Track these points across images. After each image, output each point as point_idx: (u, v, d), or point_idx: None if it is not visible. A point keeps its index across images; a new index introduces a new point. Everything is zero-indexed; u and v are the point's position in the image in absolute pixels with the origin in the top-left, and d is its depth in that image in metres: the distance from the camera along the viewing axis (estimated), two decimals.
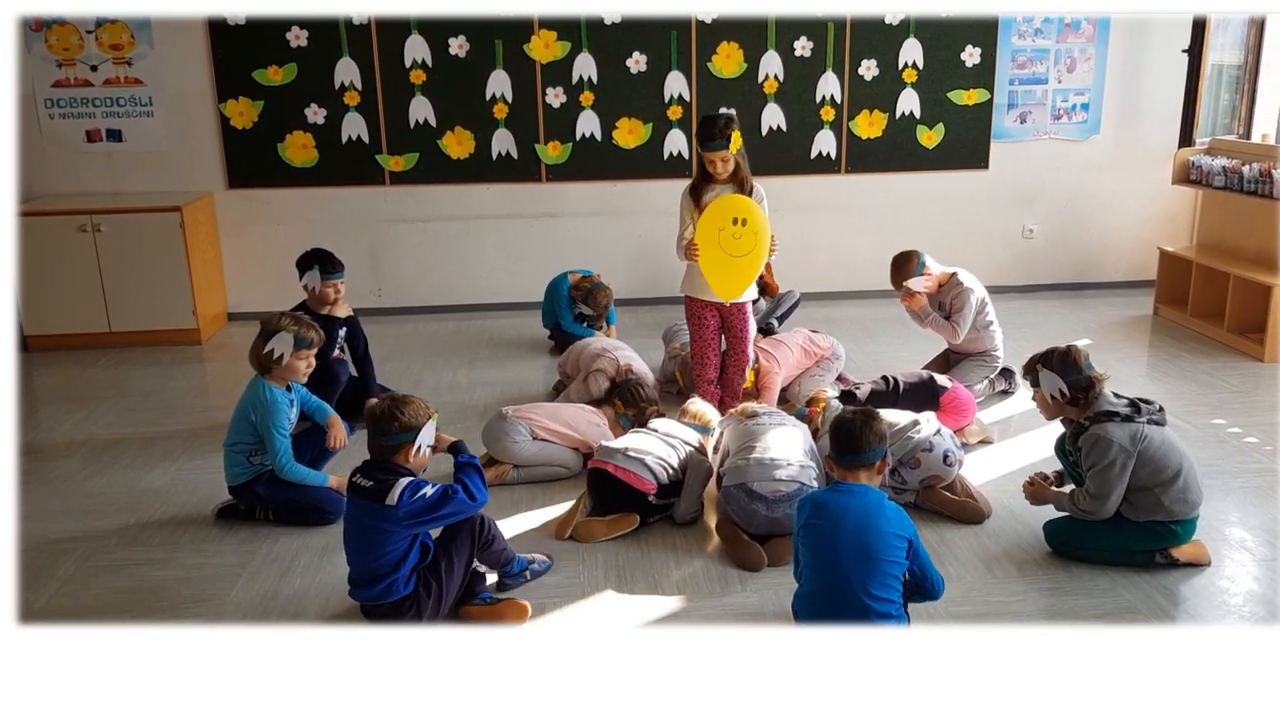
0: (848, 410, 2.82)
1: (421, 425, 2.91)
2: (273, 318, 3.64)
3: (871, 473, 2.73)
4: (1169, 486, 3.14)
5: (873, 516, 2.63)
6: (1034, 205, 6.70)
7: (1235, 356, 5.42)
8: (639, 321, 6.25)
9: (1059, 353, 3.26)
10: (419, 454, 2.94)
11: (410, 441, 2.90)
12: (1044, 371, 3.26)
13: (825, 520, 2.64)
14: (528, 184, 6.39)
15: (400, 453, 2.91)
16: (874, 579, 2.56)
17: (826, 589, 2.61)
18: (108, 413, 4.89)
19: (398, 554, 2.86)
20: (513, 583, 3.19)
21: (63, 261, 5.73)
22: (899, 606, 2.62)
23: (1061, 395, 3.23)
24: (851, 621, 2.54)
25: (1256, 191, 5.56)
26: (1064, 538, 3.32)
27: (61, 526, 3.69)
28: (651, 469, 3.55)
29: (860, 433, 2.70)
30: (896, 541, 2.62)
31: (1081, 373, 3.21)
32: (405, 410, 2.89)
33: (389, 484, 2.82)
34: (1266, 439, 4.28)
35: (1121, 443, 3.11)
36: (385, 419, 2.88)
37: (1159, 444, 3.15)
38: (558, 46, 6.21)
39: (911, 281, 4.61)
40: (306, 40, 6.08)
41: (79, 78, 6.05)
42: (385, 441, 2.90)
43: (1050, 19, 6.46)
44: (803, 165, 6.50)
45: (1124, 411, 3.16)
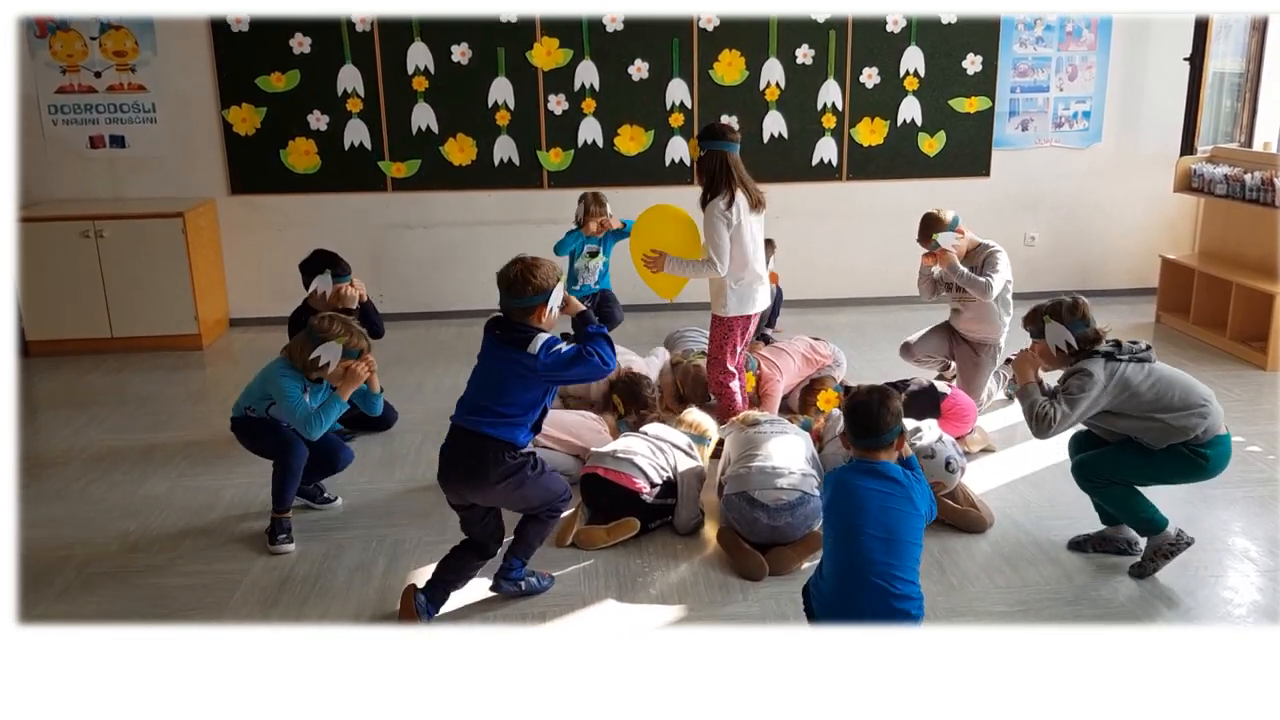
0: (862, 389, 2.75)
1: (553, 288, 2.97)
2: (324, 321, 3.49)
3: (891, 451, 2.70)
4: (1171, 413, 3.10)
5: (896, 497, 2.60)
6: (1035, 213, 6.69)
7: (1237, 365, 5.41)
8: (640, 328, 6.24)
9: (1067, 304, 3.23)
10: (550, 314, 3.00)
11: (544, 303, 2.96)
12: (1051, 323, 3.23)
13: (849, 502, 2.61)
14: (529, 190, 6.40)
15: (534, 314, 2.96)
16: (897, 561, 2.54)
17: (848, 570, 2.56)
18: (108, 418, 4.89)
19: (527, 402, 2.95)
20: (506, 587, 3.17)
21: (65, 267, 5.73)
22: (918, 589, 2.59)
23: (1068, 347, 3.20)
24: (870, 605, 2.50)
25: (1258, 200, 5.56)
26: (1093, 469, 3.26)
27: (61, 533, 3.68)
28: (642, 469, 3.56)
29: (878, 412, 2.67)
30: (919, 522, 2.61)
31: (1088, 326, 3.19)
32: (538, 274, 2.95)
33: (529, 337, 2.91)
34: (1269, 448, 4.27)
35: (1099, 379, 3.11)
36: (519, 283, 2.94)
37: (1145, 378, 3.12)
38: (560, 54, 6.22)
39: (942, 236, 4.45)
40: (309, 47, 6.10)
41: (83, 84, 6.06)
42: (519, 304, 2.95)
43: (1051, 26, 6.47)
44: (804, 172, 6.51)
45: (1106, 349, 3.16)
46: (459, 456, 2.98)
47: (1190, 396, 3.13)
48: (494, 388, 2.97)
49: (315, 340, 3.45)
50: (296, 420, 3.42)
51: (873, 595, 2.51)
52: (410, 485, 4.05)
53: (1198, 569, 3.31)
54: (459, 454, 2.98)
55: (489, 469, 2.93)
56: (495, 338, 3.00)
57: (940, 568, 3.34)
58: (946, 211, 4.54)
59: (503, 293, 2.98)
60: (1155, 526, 3.24)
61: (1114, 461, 3.24)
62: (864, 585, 2.52)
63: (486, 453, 2.94)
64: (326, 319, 3.51)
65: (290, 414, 3.43)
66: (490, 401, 2.96)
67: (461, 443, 2.98)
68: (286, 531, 3.57)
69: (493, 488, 2.96)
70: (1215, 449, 3.17)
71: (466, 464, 2.96)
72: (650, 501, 3.55)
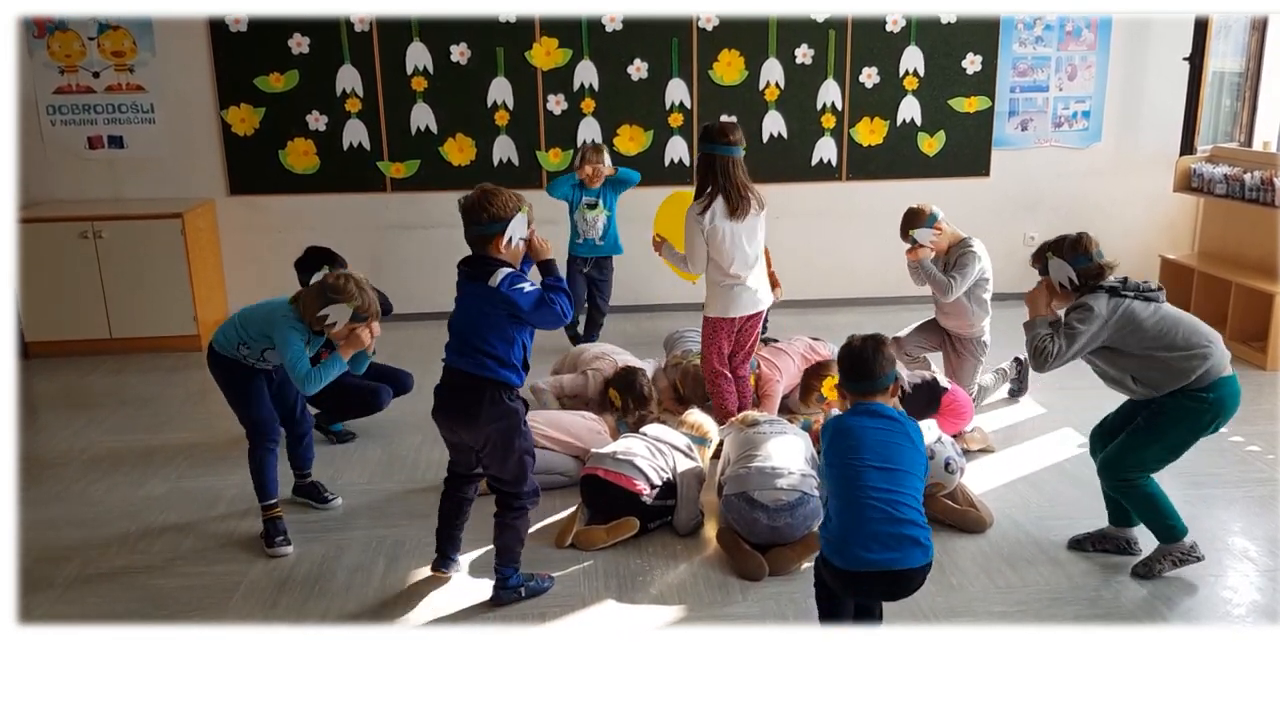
0: (856, 338, 2.76)
1: (511, 217, 2.93)
2: (340, 280, 3.38)
3: (886, 396, 2.71)
4: (1172, 352, 3.09)
5: (895, 433, 2.62)
6: (1035, 213, 6.69)
7: (1237, 365, 5.30)
8: (639, 329, 6.24)
9: (1070, 240, 3.23)
10: (510, 245, 2.96)
11: (500, 233, 2.92)
12: (1053, 259, 3.23)
13: (848, 440, 2.61)
14: (529, 190, 6.34)
15: (491, 244, 2.93)
16: (900, 489, 2.54)
17: (852, 502, 2.55)
18: (108, 420, 4.88)
19: (506, 339, 2.94)
20: (506, 596, 3.15)
21: (64, 268, 5.73)
22: (924, 518, 2.59)
23: (1070, 283, 3.20)
24: (876, 532, 2.50)
25: (1258, 199, 5.56)
26: (1117, 466, 3.22)
27: (61, 534, 3.68)
28: (642, 470, 3.56)
29: (873, 358, 2.69)
30: (918, 456, 2.63)
31: (1091, 260, 3.18)
32: (495, 201, 2.92)
33: (490, 270, 2.90)
34: (1268, 448, 4.27)
35: (1101, 313, 3.11)
36: (476, 209, 2.92)
37: (1150, 314, 3.12)
38: (559, 54, 6.22)
39: (918, 232, 4.54)
40: (308, 47, 6.09)
41: (81, 84, 6.06)
42: (476, 230, 2.94)
43: (1051, 26, 6.47)
44: (804, 172, 6.50)
45: (1111, 284, 3.16)
46: (453, 396, 3.01)
47: (1193, 338, 3.11)
48: (472, 326, 2.97)
49: (328, 298, 3.37)
50: (295, 374, 3.36)
51: (878, 521, 2.50)
52: (410, 486, 4.05)
53: (1197, 569, 3.31)
54: (454, 394, 3.01)
55: (482, 409, 2.95)
56: (463, 274, 3.00)
57: (940, 568, 3.33)
58: (927, 207, 4.59)
59: (463, 219, 2.96)
60: (1175, 534, 3.24)
61: (1130, 448, 3.21)
62: (869, 513, 2.51)
63: (481, 393, 2.96)
64: (344, 278, 3.41)
65: (291, 366, 3.36)
66: (475, 341, 2.96)
67: (455, 383, 3.01)
68: (283, 533, 3.55)
69: (483, 429, 2.98)
70: (1218, 391, 3.12)
71: (460, 403, 2.99)
72: (650, 503, 3.55)
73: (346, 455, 4.39)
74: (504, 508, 3.11)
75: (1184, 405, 3.13)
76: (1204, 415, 3.14)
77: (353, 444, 4.52)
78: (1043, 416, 4.71)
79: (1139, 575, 3.27)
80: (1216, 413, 3.14)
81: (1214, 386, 3.12)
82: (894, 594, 2.62)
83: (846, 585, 2.58)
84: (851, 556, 2.51)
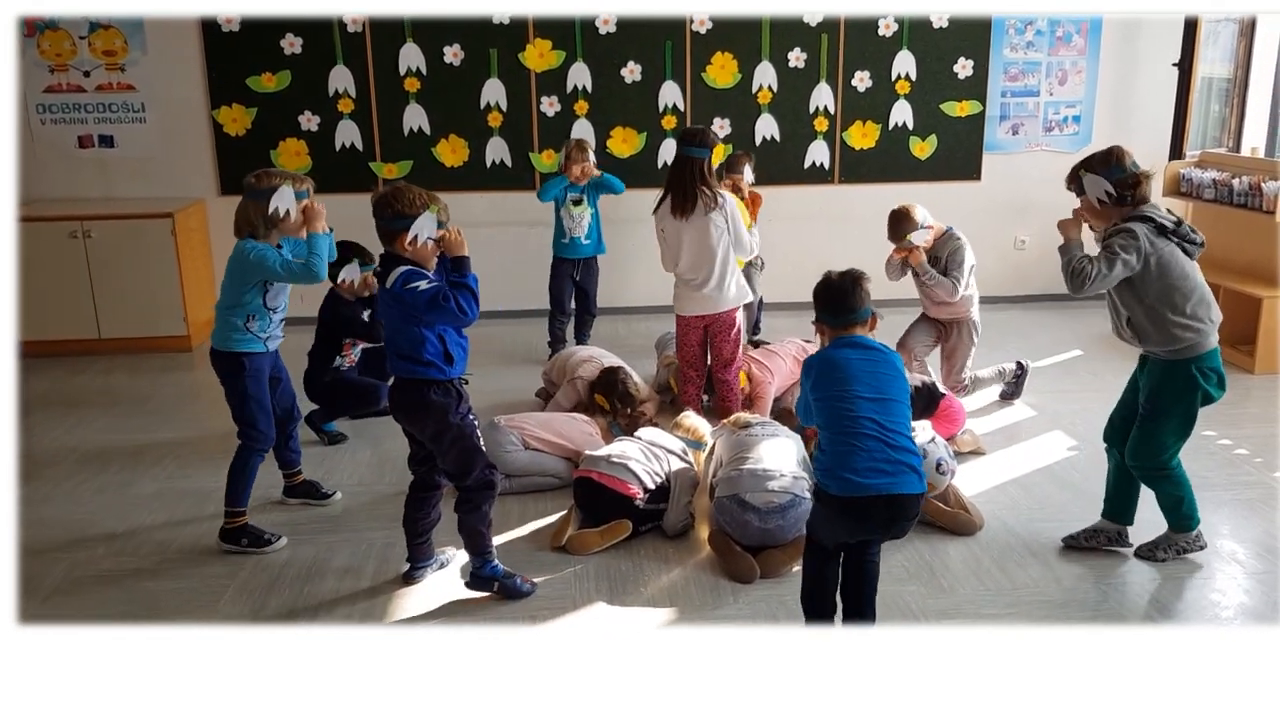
0: (833, 272, 2.78)
1: (415, 214, 2.92)
2: (261, 177, 3.37)
3: (865, 328, 2.74)
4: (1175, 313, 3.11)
5: (879, 362, 2.65)
6: (1026, 216, 6.71)
7: (1225, 368, 5.42)
8: (632, 331, 6.25)
9: (1099, 155, 3.20)
10: (416, 244, 2.95)
11: (404, 230, 2.91)
12: (1088, 175, 3.19)
13: (835, 374, 2.64)
14: (521, 192, 6.39)
15: (396, 241, 2.94)
16: (889, 419, 2.59)
17: (843, 432, 2.58)
18: (97, 420, 4.86)
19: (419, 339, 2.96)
20: (476, 585, 3.19)
21: (53, 267, 5.70)
22: (915, 444, 2.65)
23: (1109, 196, 3.16)
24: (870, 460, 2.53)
25: (1246, 204, 5.58)
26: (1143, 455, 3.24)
27: (49, 535, 3.66)
28: (636, 474, 3.55)
29: (851, 290, 2.72)
30: (905, 384, 2.67)
31: (1125, 170, 3.14)
32: (401, 198, 2.92)
33: (388, 270, 2.93)
34: (1257, 451, 4.29)
35: (1144, 243, 3.07)
36: (381, 204, 2.95)
37: (1179, 268, 3.11)
38: (552, 56, 6.22)
39: (915, 235, 4.55)
40: (300, 47, 6.08)
41: (71, 83, 6.04)
42: (381, 225, 2.96)
43: (1042, 31, 6.50)
44: (796, 175, 6.52)
45: (1161, 221, 3.13)
46: (396, 399, 3.09)
47: (1199, 309, 3.13)
48: (390, 330, 3.03)
49: (262, 195, 3.33)
50: (297, 270, 3.35)
51: (875, 452, 2.54)
52: (400, 488, 4.00)
53: (1186, 571, 3.33)
54: (396, 397, 3.09)
55: (414, 407, 3.04)
56: (379, 277, 3.02)
57: (930, 570, 3.34)
58: (913, 208, 4.59)
59: (373, 215, 2.97)
60: (1190, 524, 3.33)
61: (1147, 436, 3.24)
62: (866, 443, 2.55)
63: (411, 392, 3.02)
64: (261, 174, 3.39)
65: (289, 273, 3.35)
66: (394, 344, 3.02)
67: (396, 388, 3.08)
68: (249, 534, 3.53)
69: (420, 425, 3.07)
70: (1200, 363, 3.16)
71: (398, 402, 3.08)
72: (642, 506, 3.55)
73: (337, 456, 4.38)
74: (458, 501, 3.16)
75: (1172, 382, 3.18)
76: (1192, 383, 3.17)
77: (344, 445, 4.51)
78: (1033, 419, 4.72)
79: (1142, 556, 3.36)
80: (1202, 378, 3.17)
81: (1198, 359, 3.16)
82: (891, 521, 2.61)
83: (844, 514, 2.59)
84: (849, 484, 2.53)
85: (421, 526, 3.26)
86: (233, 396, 3.53)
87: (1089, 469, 4.04)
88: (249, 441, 3.53)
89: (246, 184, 3.39)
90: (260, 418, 3.53)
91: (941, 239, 4.65)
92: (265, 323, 3.48)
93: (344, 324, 4.53)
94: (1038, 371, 5.43)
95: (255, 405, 3.52)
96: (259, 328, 3.48)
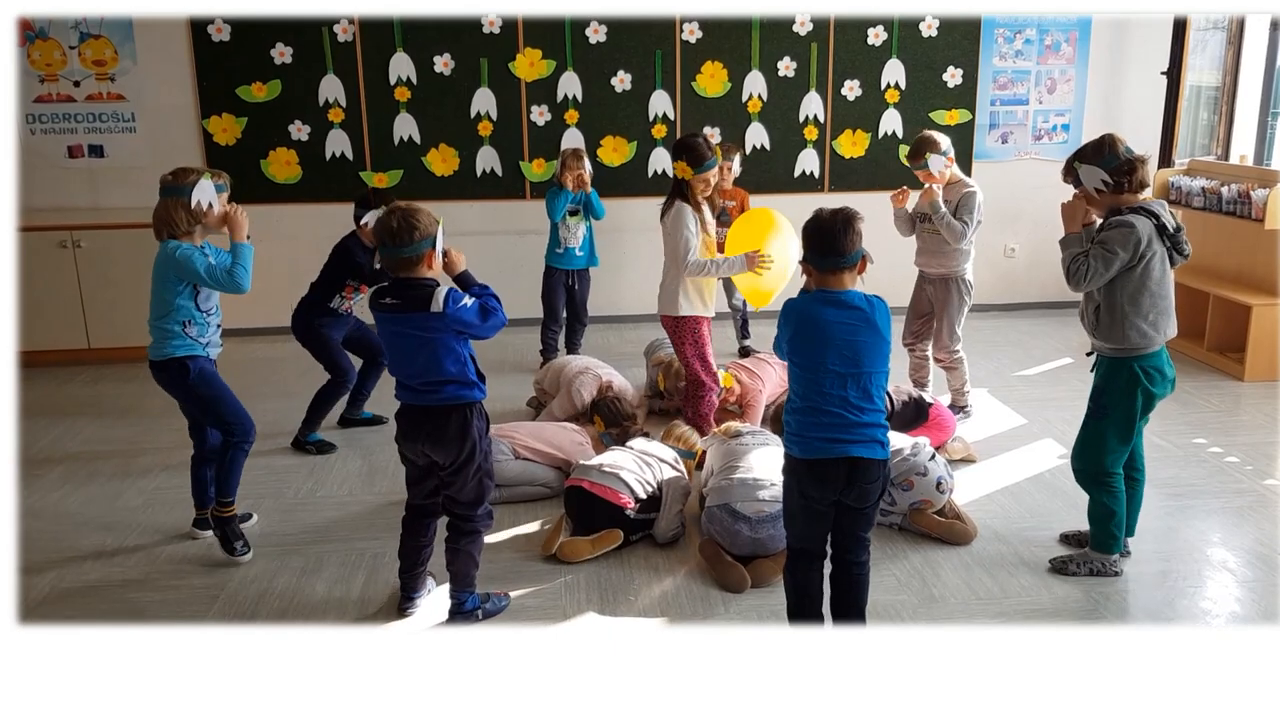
0: (825, 210, 2.66)
1: (435, 230, 2.89)
2: (176, 175, 3.33)
3: (853, 274, 2.68)
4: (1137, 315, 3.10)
5: (860, 328, 2.61)
6: (1016, 225, 6.74)
7: (1215, 376, 5.45)
8: (623, 339, 6.25)
9: (1091, 144, 3.17)
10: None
11: (432, 248, 2.87)
12: (1083, 166, 3.17)
13: (813, 336, 2.60)
14: (512, 201, 6.39)
15: (424, 261, 2.87)
16: (859, 392, 2.59)
17: (812, 407, 2.60)
18: (85, 430, 4.84)
19: (463, 361, 2.89)
20: (462, 621, 3.09)
21: (43, 277, 5.68)
22: (882, 415, 2.66)
23: (1106, 185, 3.12)
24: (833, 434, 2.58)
25: (1235, 212, 5.61)
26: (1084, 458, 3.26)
27: (36, 546, 3.64)
28: (628, 484, 3.54)
29: (842, 231, 2.61)
30: (883, 345, 2.64)
31: (1119, 157, 3.11)
32: (420, 218, 2.86)
33: (427, 294, 2.83)
34: (1247, 459, 4.30)
35: (1139, 236, 3.03)
36: (404, 230, 2.82)
37: (1158, 274, 3.09)
38: (542, 65, 6.23)
39: (933, 159, 4.45)
40: (291, 57, 6.08)
41: (61, 93, 6.02)
42: (406, 253, 2.84)
43: (1031, 40, 6.53)
44: (786, 184, 6.53)
45: (1164, 221, 3.10)
46: (420, 424, 2.95)
47: (1159, 320, 3.14)
48: (425, 363, 2.88)
49: (181, 191, 3.29)
50: (221, 279, 3.30)
51: (839, 426, 2.58)
52: (391, 498, 4.02)
53: (1177, 580, 3.33)
54: (420, 422, 2.94)
55: (452, 432, 2.91)
56: (394, 309, 2.88)
57: (922, 579, 3.34)
58: (944, 139, 4.55)
59: (387, 247, 2.85)
60: (1113, 545, 3.31)
61: (1089, 437, 3.25)
62: (830, 419, 2.58)
63: (449, 417, 2.91)
64: (178, 171, 3.35)
65: (213, 278, 3.30)
66: (433, 375, 2.88)
67: (420, 421, 2.94)
68: (242, 537, 3.52)
69: (452, 450, 2.93)
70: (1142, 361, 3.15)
71: (428, 429, 2.93)
72: (634, 516, 3.54)
73: (327, 466, 4.36)
74: (456, 532, 3.05)
75: (1115, 379, 3.18)
76: (1134, 381, 3.16)
77: (333, 455, 4.49)
78: (1024, 427, 4.73)
79: (1055, 569, 3.36)
80: (1145, 377, 3.16)
81: (1141, 358, 3.16)
82: (850, 483, 2.61)
83: (807, 475, 2.62)
84: (810, 445, 2.59)
85: (425, 555, 3.15)
86: (193, 405, 3.50)
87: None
88: (236, 438, 3.49)
89: (164, 182, 3.36)
90: (237, 411, 3.48)
91: (955, 184, 4.55)
92: (203, 328, 3.44)
93: (353, 268, 4.42)
94: (1028, 379, 5.44)
95: (223, 404, 3.47)
96: (197, 332, 3.44)
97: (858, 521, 2.71)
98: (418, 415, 2.95)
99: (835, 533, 2.73)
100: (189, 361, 3.42)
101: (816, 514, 2.67)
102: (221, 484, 3.51)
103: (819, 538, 2.72)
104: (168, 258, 3.35)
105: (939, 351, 4.68)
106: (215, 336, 3.51)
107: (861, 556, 2.75)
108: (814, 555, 2.74)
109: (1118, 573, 3.32)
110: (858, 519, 2.70)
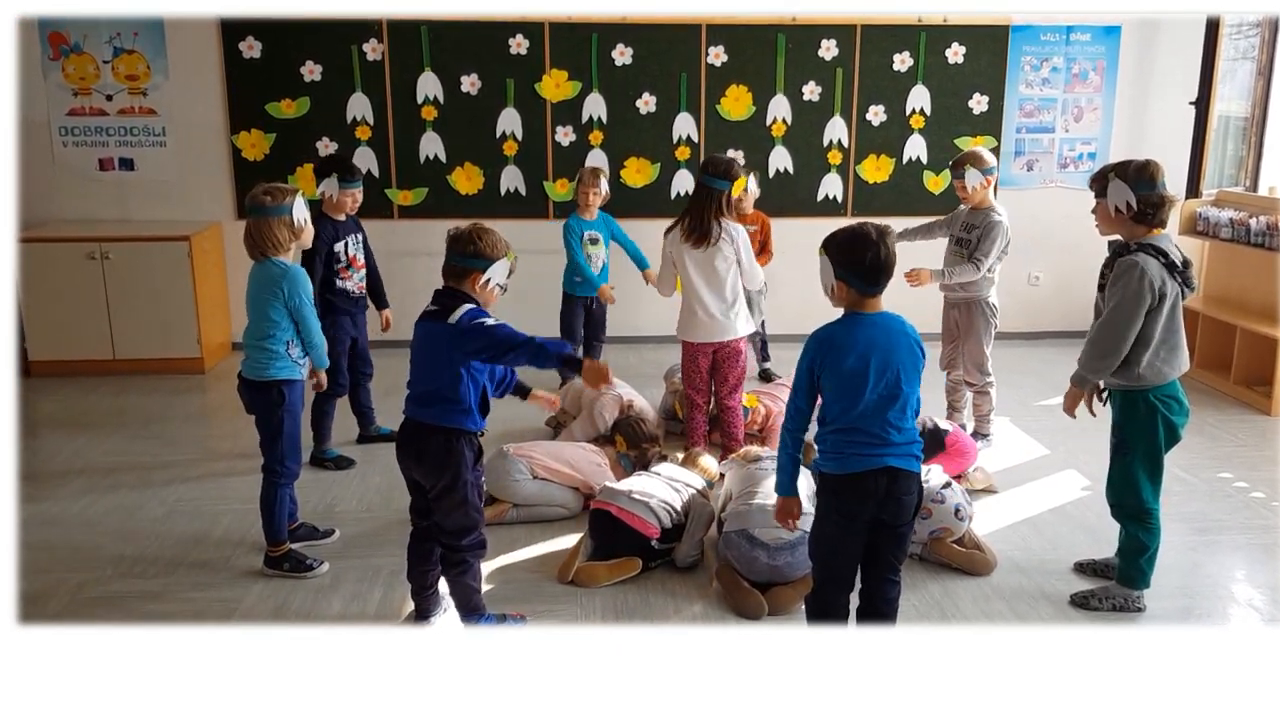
0: (869, 229, 2.56)
1: (496, 259, 2.90)
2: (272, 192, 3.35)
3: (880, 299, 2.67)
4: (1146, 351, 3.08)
5: (898, 348, 2.59)
6: (1040, 252, 6.69)
7: (1241, 409, 5.38)
8: (642, 360, 6.24)
9: (1136, 164, 3.09)
10: (486, 287, 2.93)
11: (480, 270, 2.88)
12: (1115, 181, 3.10)
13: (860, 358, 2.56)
14: (535, 220, 6.42)
15: (468, 279, 2.89)
16: (898, 415, 2.58)
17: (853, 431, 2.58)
18: (108, 440, 4.87)
19: (461, 381, 2.87)
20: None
21: (70, 288, 5.75)
22: (918, 434, 2.66)
23: (1129, 208, 3.05)
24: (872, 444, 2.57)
25: (1264, 244, 5.56)
26: (1121, 493, 3.22)
27: (56, 556, 3.66)
28: (655, 512, 3.52)
29: (892, 253, 2.57)
30: (918, 362, 2.63)
31: (1154, 189, 3.04)
32: (485, 238, 2.89)
33: (453, 306, 2.85)
34: (1273, 494, 4.24)
35: (1152, 278, 2.99)
36: (463, 240, 2.89)
37: (1163, 317, 3.07)
38: (568, 86, 6.27)
39: (970, 173, 4.40)
40: (320, 74, 6.15)
41: (94, 107, 6.11)
42: (457, 262, 2.90)
43: (1058, 69, 6.51)
44: (809, 208, 6.53)
45: (1173, 258, 3.06)
46: (410, 441, 2.96)
47: (1171, 355, 3.12)
48: (430, 373, 2.90)
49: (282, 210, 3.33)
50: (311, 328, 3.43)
51: (874, 445, 2.57)
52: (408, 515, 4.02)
53: (1201, 616, 3.28)
54: (410, 439, 2.95)
55: (434, 456, 2.90)
56: (426, 315, 2.92)
57: (940, 610, 3.30)
58: (989, 155, 4.52)
59: (449, 248, 2.92)
60: (1140, 581, 3.26)
61: (1119, 474, 3.22)
62: (866, 436, 2.57)
63: (434, 439, 2.90)
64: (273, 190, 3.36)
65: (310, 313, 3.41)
66: (433, 387, 2.89)
67: (411, 435, 2.95)
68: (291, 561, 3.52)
69: (434, 476, 2.92)
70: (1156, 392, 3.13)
71: (415, 449, 2.94)
72: (657, 547, 3.52)
73: (345, 482, 4.37)
74: (447, 564, 3.03)
75: (1133, 411, 3.16)
76: (1152, 411, 3.14)
77: (352, 470, 4.50)
78: (1047, 458, 4.68)
79: (1076, 604, 3.31)
80: (1163, 406, 3.15)
81: (1155, 389, 3.13)
82: (889, 496, 2.57)
83: (843, 492, 2.60)
84: (846, 460, 2.59)
85: (431, 579, 3.13)
86: (266, 429, 3.46)
87: (1103, 509, 3.96)
88: (276, 478, 3.48)
89: (259, 202, 3.35)
90: (291, 454, 3.47)
91: (984, 209, 4.50)
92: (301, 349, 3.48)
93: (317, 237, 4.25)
94: (1051, 409, 5.38)
95: (289, 442, 3.45)
96: (298, 354, 3.46)
97: (892, 544, 2.66)
98: (410, 429, 2.97)
99: (867, 565, 2.69)
100: (285, 388, 3.43)
101: (851, 537, 2.64)
102: (267, 527, 3.49)
103: (850, 566, 2.68)
104: (279, 276, 3.38)
105: (970, 376, 4.66)
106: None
107: (892, 593, 2.72)
108: (842, 585, 2.70)
109: (1141, 609, 3.27)
110: (891, 541, 2.66)
